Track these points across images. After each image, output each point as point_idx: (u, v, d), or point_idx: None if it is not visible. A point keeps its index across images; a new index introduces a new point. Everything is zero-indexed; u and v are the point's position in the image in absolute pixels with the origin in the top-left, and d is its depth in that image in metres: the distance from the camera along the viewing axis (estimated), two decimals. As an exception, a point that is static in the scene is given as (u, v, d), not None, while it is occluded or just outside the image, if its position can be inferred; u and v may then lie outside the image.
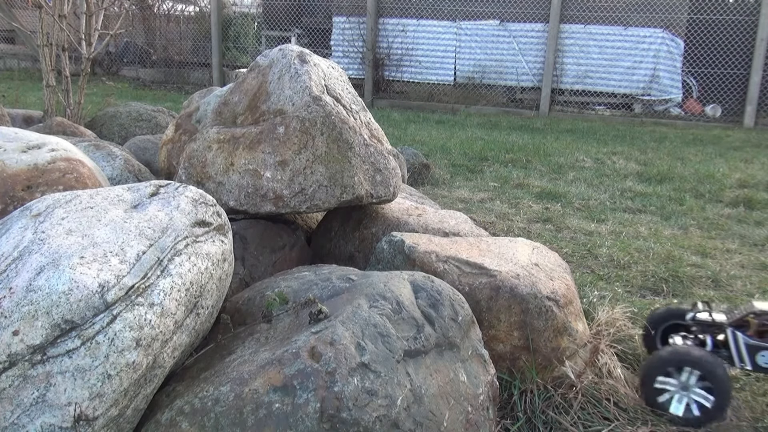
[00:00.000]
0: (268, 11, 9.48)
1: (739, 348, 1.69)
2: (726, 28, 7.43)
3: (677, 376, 1.67)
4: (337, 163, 1.94)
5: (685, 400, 1.66)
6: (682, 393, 1.67)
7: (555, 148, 5.53)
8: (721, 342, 1.75)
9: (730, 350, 1.71)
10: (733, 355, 1.71)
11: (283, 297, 1.51)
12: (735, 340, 1.70)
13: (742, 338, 1.69)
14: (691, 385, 1.66)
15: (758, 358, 1.68)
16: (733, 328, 1.71)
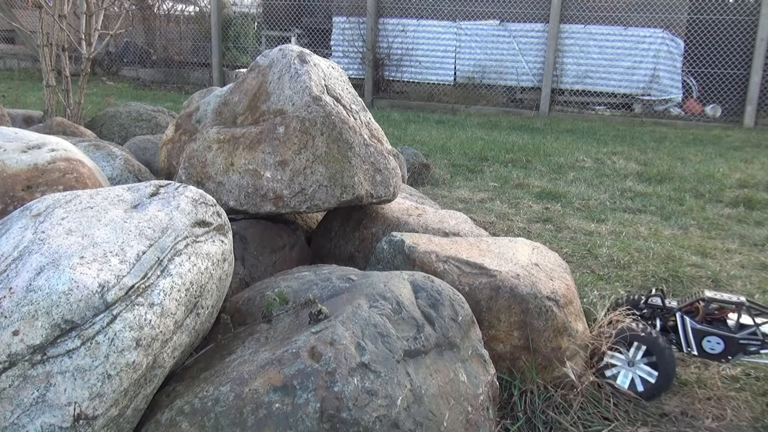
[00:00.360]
0: (268, 11, 9.48)
1: (687, 332, 1.73)
2: (726, 28, 7.44)
3: (625, 352, 1.72)
4: (337, 163, 1.94)
5: (630, 375, 1.72)
6: (628, 368, 1.72)
7: (555, 148, 5.53)
8: (671, 327, 1.79)
9: (679, 335, 1.75)
10: (681, 340, 1.75)
11: (283, 297, 1.51)
12: (683, 325, 1.74)
13: (689, 323, 1.73)
14: (637, 360, 1.70)
15: (704, 344, 1.72)
16: (681, 313, 1.75)
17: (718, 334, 1.71)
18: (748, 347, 1.71)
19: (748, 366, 1.99)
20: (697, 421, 1.69)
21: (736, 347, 1.71)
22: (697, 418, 1.70)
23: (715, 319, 1.75)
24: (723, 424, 1.68)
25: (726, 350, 1.72)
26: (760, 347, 1.71)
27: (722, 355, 1.73)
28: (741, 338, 1.70)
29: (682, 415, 1.72)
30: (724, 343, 1.71)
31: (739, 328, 1.72)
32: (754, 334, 1.70)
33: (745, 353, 1.73)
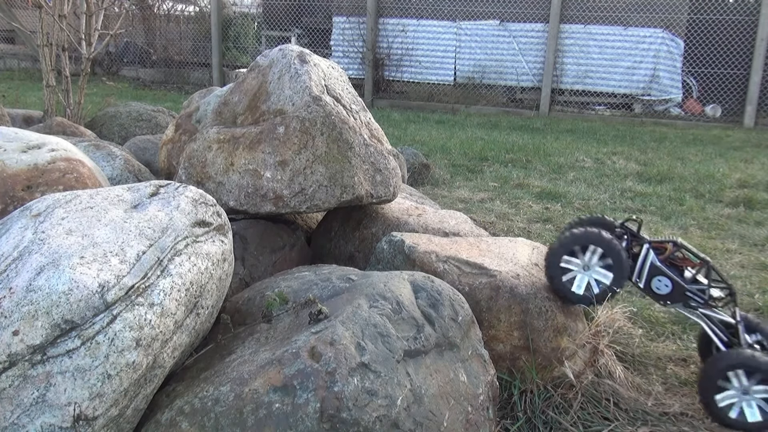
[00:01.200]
0: (268, 11, 9.48)
1: (645, 265, 1.77)
2: (726, 28, 7.43)
3: (581, 255, 1.74)
4: (337, 163, 1.94)
5: (586, 280, 1.74)
6: (584, 273, 1.74)
7: (555, 148, 5.53)
8: (633, 254, 1.82)
9: (637, 263, 1.78)
10: (636, 268, 1.78)
11: (283, 297, 1.51)
12: (645, 257, 1.77)
13: (652, 257, 1.76)
14: (593, 264, 1.73)
15: (654, 281, 1.76)
16: (650, 246, 1.78)
17: (670, 278, 1.75)
18: (690, 301, 1.76)
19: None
20: (697, 421, 1.69)
21: (680, 296, 1.75)
22: (697, 418, 1.70)
23: (675, 266, 1.79)
24: (723, 424, 1.68)
25: (669, 295, 1.76)
26: (699, 305, 1.75)
27: (664, 297, 1.77)
28: (689, 290, 1.75)
29: (682, 415, 1.72)
30: (672, 288, 1.75)
31: (691, 281, 1.76)
32: (702, 292, 1.74)
33: (684, 305, 1.77)
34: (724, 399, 1.62)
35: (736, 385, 1.61)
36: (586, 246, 1.74)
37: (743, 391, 1.60)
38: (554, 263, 1.76)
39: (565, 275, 1.76)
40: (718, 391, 1.62)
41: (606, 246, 1.72)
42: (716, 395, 1.62)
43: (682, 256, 1.80)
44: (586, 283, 1.75)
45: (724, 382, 1.62)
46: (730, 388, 1.61)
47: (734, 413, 1.62)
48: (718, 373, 1.62)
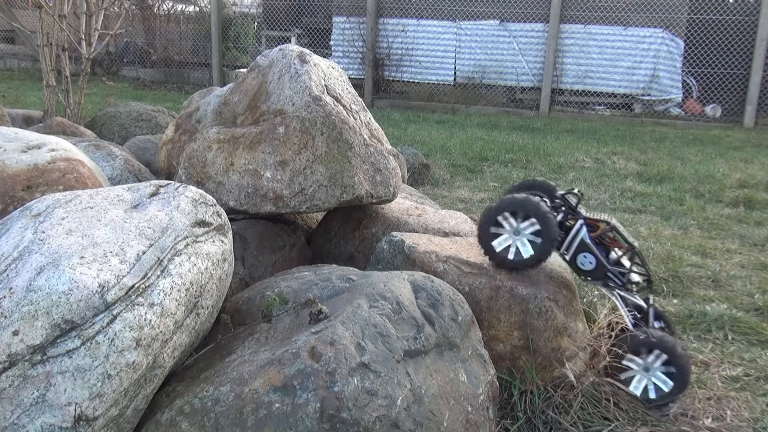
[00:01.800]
0: (268, 11, 9.48)
1: (575, 239, 1.82)
2: (726, 28, 7.43)
3: (510, 221, 1.78)
4: (337, 163, 1.94)
5: (517, 244, 1.78)
6: (514, 237, 1.77)
7: (555, 148, 5.53)
8: (566, 226, 1.86)
9: (567, 236, 1.83)
10: (565, 241, 1.83)
11: (283, 297, 1.51)
12: (577, 231, 1.82)
13: (584, 233, 1.81)
14: (523, 229, 1.76)
15: (579, 257, 1.82)
16: (584, 222, 1.83)
17: (596, 256, 1.80)
18: (609, 281, 1.82)
19: (748, 366, 2.00)
20: (697, 421, 1.69)
21: (601, 275, 1.82)
22: (697, 418, 1.70)
23: (603, 245, 1.85)
24: (723, 424, 1.68)
25: (592, 272, 1.82)
26: (618, 286, 1.82)
27: (586, 273, 1.83)
28: (610, 271, 1.81)
29: (682, 415, 1.72)
30: (595, 266, 1.81)
31: (615, 263, 1.82)
32: (622, 275, 1.81)
33: (604, 285, 1.84)
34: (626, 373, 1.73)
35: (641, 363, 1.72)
36: (513, 212, 1.78)
37: (644, 368, 1.72)
38: (485, 231, 1.80)
39: (495, 240, 1.79)
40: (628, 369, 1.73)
41: (532, 210, 1.75)
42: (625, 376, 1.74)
43: (613, 236, 1.86)
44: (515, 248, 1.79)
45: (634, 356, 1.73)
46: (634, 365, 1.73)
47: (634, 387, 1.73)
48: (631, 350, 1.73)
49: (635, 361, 1.73)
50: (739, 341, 2.17)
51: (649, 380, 1.72)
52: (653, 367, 1.71)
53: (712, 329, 2.24)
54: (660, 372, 1.71)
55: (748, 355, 2.07)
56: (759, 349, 2.12)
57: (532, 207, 1.74)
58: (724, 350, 2.10)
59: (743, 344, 2.15)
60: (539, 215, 1.74)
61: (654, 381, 1.71)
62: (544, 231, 1.74)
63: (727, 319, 2.28)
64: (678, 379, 1.69)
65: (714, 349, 2.10)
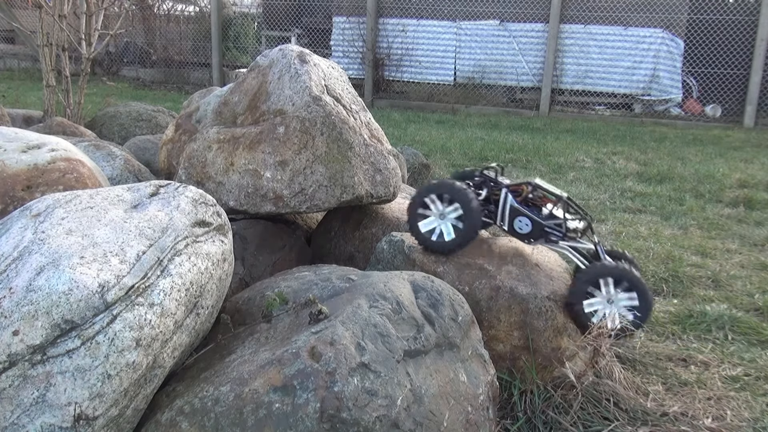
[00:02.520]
0: (268, 11, 9.48)
1: (505, 208, 1.88)
2: (726, 28, 7.43)
3: (437, 203, 1.84)
4: (337, 163, 1.94)
5: (437, 226, 1.84)
6: (440, 220, 1.84)
7: (555, 148, 5.53)
8: (494, 200, 1.91)
9: (498, 208, 1.89)
10: (498, 213, 1.89)
11: (283, 297, 1.51)
12: (505, 200, 1.88)
13: (510, 200, 1.87)
14: (447, 212, 1.83)
15: (515, 222, 1.87)
16: (507, 190, 1.89)
17: (528, 216, 1.85)
18: (550, 235, 1.86)
19: (748, 366, 1.99)
20: (697, 421, 1.69)
21: (540, 233, 1.86)
22: (697, 418, 1.70)
23: (534, 205, 1.90)
24: (723, 424, 1.68)
25: (530, 233, 1.86)
26: (560, 238, 1.86)
27: (527, 236, 1.87)
28: (546, 225, 1.85)
29: (682, 415, 1.72)
30: (532, 225, 1.85)
31: (548, 217, 1.87)
32: (559, 226, 1.85)
33: (546, 240, 1.87)
34: (590, 305, 1.76)
35: (602, 293, 1.76)
36: (440, 195, 1.83)
37: (608, 299, 1.75)
38: (413, 212, 1.86)
39: (423, 220, 1.85)
40: (585, 297, 1.76)
41: (456, 194, 1.81)
42: (584, 301, 1.76)
43: (540, 195, 1.91)
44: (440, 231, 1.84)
45: (593, 289, 1.76)
46: (597, 295, 1.76)
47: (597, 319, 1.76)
48: (587, 282, 1.75)
49: (596, 301, 1.76)
50: (739, 341, 2.17)
51: (618, 308, 1.75)
52: (615, 297, 1.74)
53: (712, 329, 2.24)
54: (623, 298, 1.74)
55: (748, 355, 2.07)
56: (759, 349, 2.12)
57: (457, 191, 1.80)
58: (724, 350, 2.10)
59: (743, 344, 2.15)
60: (463, 200, 1.80)
61: (622, 305, 1.74)
62: (466, 213, 1.80)
63: (727, 319, 2.28)
64: (641, 298, 1.72)
65: (714, 349, 2.10)
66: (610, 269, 1.75)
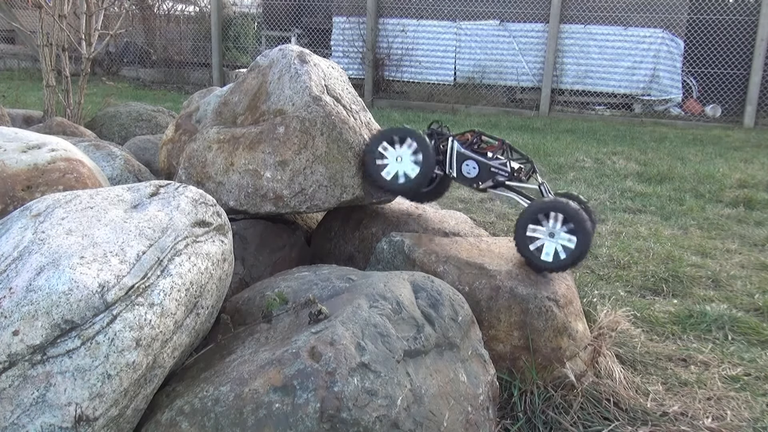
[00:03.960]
0: (268, 11, 9.48)
1: (453, 154, 1.97)
2: (726, 28, 7.43)
3: (394, 147, 1.94)
4: (337, 163, 1.94)
5: (398, 169, 1.94)
6: (396, 163, 1.93)
7: (555, 148, 5.53)
8: (443, 150, 1.99)
9: (446, 156, 1.98)
10: (446, 161, 1.98)
11: (283, 297, 1.51)
12: (451, 147, 1.97)
13: (457, 147, 1.96)
14: (405, 154, 1.93)
15: (463, 167, 1.96)
16: (453, 138, 1.98)
17: (475, 159, 1.95)
18: (497, 176, 1.95)
19: (748, 366, 2.00)
20: (697, 421, 1.69)
21: (487, 174, 1.95)
22: (697, 418, 1.70)
23: (479, 152, 1.99)
24: (723, 424, 1.68)
25: (478, 176, 1.95)
26: (507, 179, 1.94)
27: (475, 180, 1.96)
28: (493, 166, 1.94)
29: (682, 415, 1.72)
30: (479, 168, 1.94)
31: (493, 160, 1.96)
32: (504, 165, 1.94)
33: (494, 182, 1.96)
34: (533, 230, 1.81)
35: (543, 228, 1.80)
36: (399, 139, 1.92)
37: (549, 234, 1.79)
38: (372, 151, 1.95)
39: (381, 160, 1.94)
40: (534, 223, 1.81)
41: (413, 137, 1.91)
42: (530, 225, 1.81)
43: (484, 144, 2.00)
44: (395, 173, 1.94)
45: (535, 225, 1.81)
46: (539, 230, 1.81)
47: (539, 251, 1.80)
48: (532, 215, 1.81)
49: (538, 231, 1.80)
50: (739, 341, 2.17)
51: (557, 244, 1.78)
52: (556, 230, 1.78)
53: (712, 329, 2.24)
54: (563, 232, 1.77)
55: (748, 355, 2.07)
56: (759, 349, 2.12)
57: (415, 135, 1.91)
58: (724, 350, 2.10)
59: (743, 344, 2.15)
60: (421, 143, 1.90)
61: (560, 243, 1.78)
62: (424, 158, 1.90)
63: (727, 319, 2.28)
64: (579, 232, 1.75)
65: (714, 349, 2.10)
66: (559, 205, 1.78)
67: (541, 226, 1.80)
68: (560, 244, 1.77)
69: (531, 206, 1.82)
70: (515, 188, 1.96)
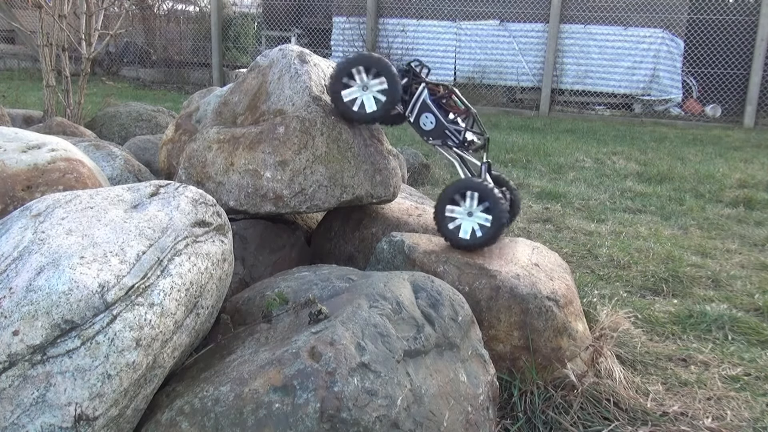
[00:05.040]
0: (268, 11, 9.48)
1: (418, 101, 1.97)
2: (726, 28, 7.43)
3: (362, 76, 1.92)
4: (337, 163, 1.94)
5: (361, 98, 1.93)
6: (361, 91, 1.93)
7: (555, 148, 5.53)
8: (411, 92, 1.99)
9: (411, 98, 1.98)
10: (410, 103, 1.98)
11: (283, 297, 1.51)
12: (420, 94, 1.97)
13: (425, 95, 1.96)
14: (371, 84, 1.91)
15: (421, 117, 1.97)
16: (426, 86, 1.98)
17: (435, 115, 1.95)
18: (447, 139, 1.97)
19: (748, 366, 2.00)
20: (697, 421, 1.69)
21: (440, 134, 1.97)
22: (697, 418, 1.70)
23: (444, 109, 2.00)
24: (723, 424, 1.68)
25: (432, 131, 1.97)
26: (455, 145, 1.97)
27: (427, 133, 1.97)
28: (447, 128, 1.96)
29: (682, 415, 1.72)
30: (435, 124, 1.96)
31: (451, 122, 1.98)
32: (458, 132, 1.96)
33: (443, 143, 1.98)
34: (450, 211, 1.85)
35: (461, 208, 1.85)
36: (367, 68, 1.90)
37: (468, 213, 1.84)
38: (337, 79, 1.92)
39: (346, 91, 1.93)
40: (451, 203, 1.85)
41: (383, 69, 1.88)
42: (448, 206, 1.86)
43: (453, 103, 2.00)
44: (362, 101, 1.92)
45: (453, 206, 1.85)
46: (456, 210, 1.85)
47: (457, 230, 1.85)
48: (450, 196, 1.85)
49: (456, 211, 1.85)
50: (739, 341, 2.17)
51: (474, 223, 1.83)
52: (473, 210, 1.83)
53: (712, 329, 2.24)
54: (479, 212, 1.82)
55: (748, 355, 2.07)
56: (759, 349, 2.12)
57: (384, 66, 1.88)
58: (724, 350, 2.10)
59: (743, 344, 2.15)
60: (389, 75, 1.88)
61: (477, 222, 1.83)
62: (390, 90, 1.88)
63: (727, 319, 2.28)
64: (494, 211, 1.80)
65: (714, 349, 2.10)
66: (478, 185, 1.82)
67: (458, 206, 1.85)
68: (477, 222, 1.83)
69: (448, 188, 1.86)
70: (460, 156, 1.97)
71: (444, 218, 1.86)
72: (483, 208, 1.82)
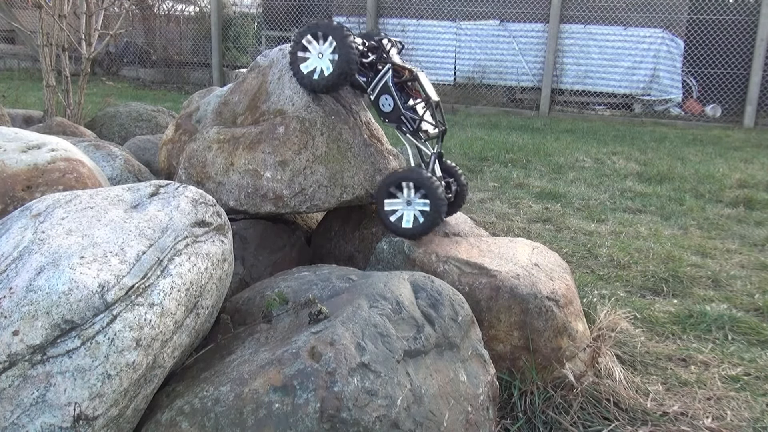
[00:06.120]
0: (268, 11, 9.48)
1: (380, 81, 1.97)
2: (726, 28, 7.43)
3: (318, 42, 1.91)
4: (337, 163, 1.94)
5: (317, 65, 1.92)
6: (317, 59, 1.92)
7: (555, 148, 5.53)
8: (375, 69, 1.99)
9: (375, 79, 1.98)
10: (372, 83, 1.98)
11: (283, 297, 1.51)
12: (384, 75, 1.97)
13: (388, 77, 1.96)
14: (326, 51, 1.90)
15: (381, 98, 1.97)
16: (391, 66, 1.97)
17: (394, 98, 1.95)
18: (402, 124, 1.97)
19: (748, 366, 2.00)
20: (697, 421, 1.69)
21: (396, 118, 1.97)
22: (697, 418, 1.70)
23: (407, 93, 2.00)
24: (723, 424, 1.68)
25: (389, 114, 1.97)
26: (409, 132, 1.98)
27: (384, 114, 1.98)
28: (404, 114, 1.96)
29: (682, 415, 1.72)
30: (392, 108, 1.96)
31: (409, 108, 1.98)
32: (414, 121, 1.96)
33: (398, 127, 1.99)
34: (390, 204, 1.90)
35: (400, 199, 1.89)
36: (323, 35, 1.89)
37: (407, 203, 1.88)
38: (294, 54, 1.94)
39: (304, 63, 1.92)
40: (388, 197, 1.90)
41: (335, 35, 1.86)
42: (386, 200, 1.90)
43: (416, 89, 1.99)
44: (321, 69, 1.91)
45: (391, 199, 1.89)
46: (398, 197, 1.89)
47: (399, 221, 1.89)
48: (391, 183, 1.88)
49: (395, 203, 1.89)
50: (739, 341, 2.17)
51: (414, 210, 1.87)
52: (412, 198, 1.87)
53: (712, 329, 2.24)
54: (418, 199, 1.86)
55: (748, 355, 2.07)
56: (759, 349, 2.12)
57: (333, 29, 1.86)
58: (724, 350, 2.10)
59: (743, 344, 2.15)
60: (340, 42, 1.85)
61: (417, 209, 1.87)
62: (341, 52, 1.85)
63: (727, 319, 2.28)
64: (432, 197, 1.83)
65: (714, 349, 2.10)
66: (411, 174, 1.86)
67: (396, 198, 1.89)
68: (417, 210, 1.86)
69: (383, 182, 1.90)
70: (413, 143, 1.99)
71: (385, 213, 1.90)
72: (420, 195, 1.85)
